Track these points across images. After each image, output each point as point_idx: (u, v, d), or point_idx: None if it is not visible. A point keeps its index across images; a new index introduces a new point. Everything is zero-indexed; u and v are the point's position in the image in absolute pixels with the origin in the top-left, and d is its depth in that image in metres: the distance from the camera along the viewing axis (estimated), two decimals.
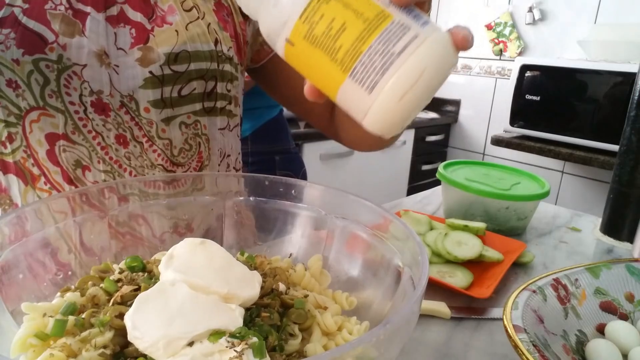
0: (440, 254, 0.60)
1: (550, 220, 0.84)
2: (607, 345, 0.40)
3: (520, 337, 0.35)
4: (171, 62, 0.53)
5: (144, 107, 0.54)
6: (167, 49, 0.53)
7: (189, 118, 0.57)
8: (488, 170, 0.86)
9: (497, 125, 2.33)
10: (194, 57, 0.55)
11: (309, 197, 0.45)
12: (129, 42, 0.52)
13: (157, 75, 0.53)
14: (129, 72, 0.52)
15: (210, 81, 0.58)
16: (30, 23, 0.47)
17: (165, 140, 0.56)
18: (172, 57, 0.53)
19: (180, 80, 0.55)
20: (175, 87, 0.55)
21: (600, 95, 1.75)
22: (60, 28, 0.48)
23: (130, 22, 0.52)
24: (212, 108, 0.60)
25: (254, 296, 0.32)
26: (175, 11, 0.55)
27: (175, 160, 0.57)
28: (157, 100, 0.54)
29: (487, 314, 0.51)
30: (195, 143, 0.59)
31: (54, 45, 0.48)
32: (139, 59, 0.52)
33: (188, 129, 0.58)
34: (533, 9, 2.21)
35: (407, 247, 0.36)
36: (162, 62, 0.53)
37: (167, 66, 0.53)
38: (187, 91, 0.56)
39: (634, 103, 0.73)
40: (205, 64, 0.56)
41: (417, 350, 0.45)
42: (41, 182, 0.52)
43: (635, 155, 0.73)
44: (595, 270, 0.47)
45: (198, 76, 0.56)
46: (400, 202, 0.91)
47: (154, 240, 0.49)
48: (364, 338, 0.24)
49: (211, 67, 0.57)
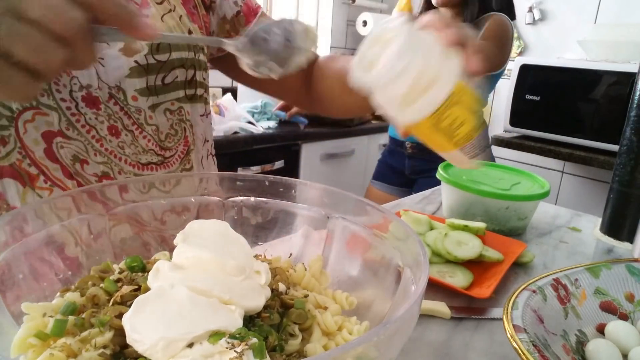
0: (440, 254, 0.60)
1: (550, 220, 0.84)
2: (607, 345, 0.40)
3: (520, 337, 0.35)
4: (154, 52, 0.56)
5: (132, 96, 0.56)
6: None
7: (172, 105, 0.61)
8: (488, 170, 0.86)
9: (497, 125, 2.33)
10: (174, 47, 0.59)
11: (309, 197, 0.45)
12: None
13: (142, 65, 0.56)
14: (115, 63, 0.53)
15: (190, 69, 0.62)
16: None
17: (153, 126, 0.59)
18: (154, 47, 0.56)
19: (163, 69, 0.58)
20: (159, 76, 0.58)
21: (600, 95, 1.75)
22: None
23: None
24: (194, 95, 0.64)
25: (256, 308, 0.32)
26: (148, 4, 0.57)
27: (163, 145, 0.60)
28: (143, 89, 0.56)
29: (487, 314, 0.51)
30: (180, 128, 0.62)
31: None
32: (122, 49, 0.54)
33: (173, 115, 0.61)
34: (533, 9, 2.22)
35: (407, 247, 0.36)
36: (146, 52, 0.56)
37: (151, 55, 0.56)
38: (171, 79, 0.59)
39: (634, 103, 0.73)
40: (184, 53, 0.60)
41: (417, 350, 0.45)
42: (40, 181, 0.52)
43: (635, 155, 0.73)
44: (595, 270, 0.47)
45: (179, 65, 0.60)
46: (400, 202, 0.91)
47: (155, 222, 0.48)
48: (364, 338, 0.24)
49: (189, 56, 0.61)
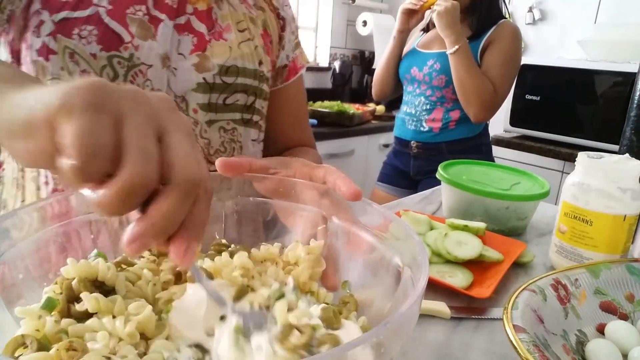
0: (440, 254, 0.60)
1: (550, 220, 0.84)
2: (607, 345, 0.40)
3: (520, 337, 0.35)
4: (222, 74, 0.61)
5: (193, 108, 0.60)
6: (221, 61, 0.60)
7: (228, 124, 0.64)
8: (488, 170, 0.86)
9: (497, 125, 2.33)
10: (242, 73, 0.63)
11: (309, 197, 0.45)
12: (189, 48, 0.58)
13: (209, 82, 0.60)
14: (185, 76, 0.58)
15: (251, 96, 0.66)
16: (112, 24, 0.53)
17: (206, 140, 0.62)
18: (224, 69, 0.61)
19: (227, 90, 0.62)
20: (222, 96, 0.62)
21: (600, 95, 1.75)
22: (137, 31, 0.54)
23: (194, 31, 0.59)
24: (249, 120, 0.67)
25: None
26: (231, 29, 0.62)
27: (210, 159, 0.63)
28: (204, 104, 0.61)
29: (487, 314, 0.51)
30: (230, 147, 0.66)
31: (128, 45, 0.54)
32: (195, 64, 0.58)
33: (226, 133, 0.65)
34: (533, 9, 2.22)
35: (407, 246, 0.36)
36: (215, 72, 0.60)
37: (219, 76, 0.60)
38: (231, 101, 0.63)
39: (634, 103, 0.73)
40: (249, 80, 0.64)
41: (417, 350, 0.45)
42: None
43: (636, 155, 0.73)
44: (595, 270, 0.47)
45: (242, 90, 0.64)
46: (401, 202, 0.91)
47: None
48: (365, 337, 0.24)
49: (253, 84, 0.65)
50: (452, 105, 1.43)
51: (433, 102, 1.45)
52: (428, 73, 1.43)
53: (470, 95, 1.35)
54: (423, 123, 1.47)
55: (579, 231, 0.58)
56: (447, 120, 1.44)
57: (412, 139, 1.50)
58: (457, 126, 1.44)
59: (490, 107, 1.37)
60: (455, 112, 1.43)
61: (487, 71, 1.35)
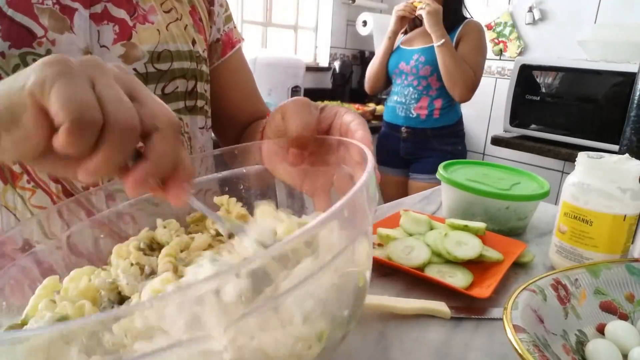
0: (440, 254, 0.60)
1: (550, 220, 0.84)
2: (607, 345, 0.40)
3: (520, 337, 0.35)
4: (154, 61, 0.55)
5: None
6: (150, 47, 0.54)
7: None
8: (488, 170, 0.86)
9: (497, 125, 2.33)
10: (176, 57, 0.57)
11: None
12: (112, 38, 0.52)
13: (141, 73, 0.54)
14: None
15: (191, 80, 0.60)
16: (17, 16, 0.46)
17: None
18: (155, 55, 0.55)
19: (163, 79, 0.56)
20: (159, 85, 0.56)
21: (600, 95, 1.75)
22: (49, 23, 0.48)
23: (114, 19, 0.52)
24: (194, 107, 0.62)
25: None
26: (156, 11, 0.56)
27: None
28: None
29: (487, 314, 0.51)
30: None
31: (42, 39, 0.47)
32: (122, 55, 0.52)
33: None
34: (533, 9, 2.22)
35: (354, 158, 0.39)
36: (146, 60, 0.54)
37: (151, 64, 0.55)
38: (171, 89, 0.58)
39: (634, 103, 0.73)
40: (186, 63, 0.59)
41: (417, 350, 0.45)
42: (23, 181, 0.51)
43: (636, 155, 0.73)
44: (595, 270, 0.47)
45: (180, 75, 0.58)
46: (401, 202, 0.91)
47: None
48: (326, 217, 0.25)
49: (191, 67, 0.59)
50: (436, 94, 1.74)
51: (420, 91, 1.75)
52: (415, 65, 1.74)
53: (456, 79, 1.66)
54: (412, 110, 1.77)
55: (578, 231, 0.58)
56: (432, 109, 1.75)
57: (402, 124, 1.80)
58: (440, 115, 1.76)
59: (472, 88, 1.69)
60: (438, 101, 1.75)
61: (464, 60, 1.67)
